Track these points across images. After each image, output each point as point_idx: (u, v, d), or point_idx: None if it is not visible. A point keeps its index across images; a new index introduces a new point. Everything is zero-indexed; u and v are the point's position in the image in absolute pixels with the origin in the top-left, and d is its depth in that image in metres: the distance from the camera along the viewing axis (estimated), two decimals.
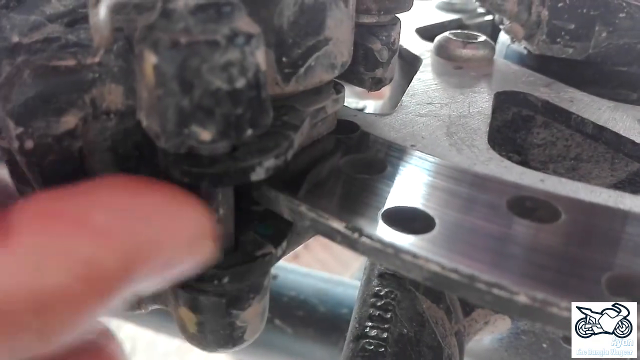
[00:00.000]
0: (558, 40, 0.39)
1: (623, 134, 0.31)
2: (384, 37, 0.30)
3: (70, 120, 0.20)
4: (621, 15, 0.38)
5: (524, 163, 0.36)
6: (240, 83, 0.18)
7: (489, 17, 0.56)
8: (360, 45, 0.30)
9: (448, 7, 0.56)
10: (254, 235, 0.24)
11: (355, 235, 0.21)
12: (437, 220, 0.21)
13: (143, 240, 0.18)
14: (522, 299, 0.18)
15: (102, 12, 0.17)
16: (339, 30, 0.25)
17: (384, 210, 0.22)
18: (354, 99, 0.64)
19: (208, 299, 0.23)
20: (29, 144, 0.20)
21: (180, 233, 0.19)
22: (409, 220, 0.22)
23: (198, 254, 0.20)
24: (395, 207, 0.22)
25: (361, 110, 0.61)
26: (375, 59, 0.30)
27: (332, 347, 0.61)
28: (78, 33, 0.20)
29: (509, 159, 0.30)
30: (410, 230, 0.21)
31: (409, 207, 0.22)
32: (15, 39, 0.20)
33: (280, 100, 0.25)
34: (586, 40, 0.38)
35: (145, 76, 0.18)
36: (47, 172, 0.21)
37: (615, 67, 0.39)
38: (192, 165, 0.20)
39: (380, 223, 0.21)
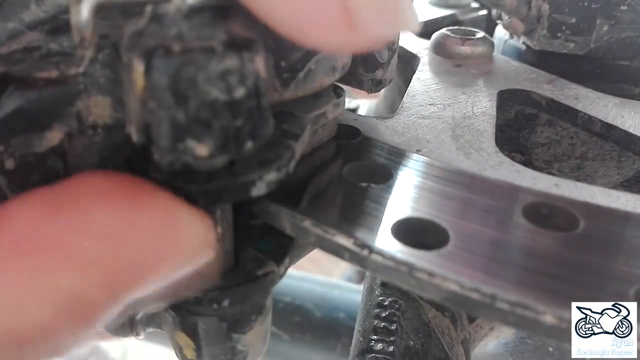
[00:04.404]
0: (559, 35, 0.38)
1: (632, 132, 0.30)
2: None
3: (54, 136, 0.19)
4: (623, 7, 0.37)
5: (528, 162, 0.35)
6: (240, 92, 0.17)
7: (484, 12, 0.55)
8: None
9: (442, 3, 0.55)
10: (254, 252, 0.23)
11: (365, 252, 0.19)
12: (450, 233, 0.20)
13: (134, 264, 0.16)
14: (548, 319, 0.17)
15: (84, 11, 0.15)
16: None
17: (394, 223, 0.20)
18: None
19: (207, 323, 0.21)
20: (10, 164, 0.18)
21: (178, 250, 0.18)
22: (420, 233, 0.20)
23: (196, 264, 0.19)
24: (405, 218, 0.21)
25: (354, 110, 0.60)
26: (375, 60, 0.29)
27: (330, 352, 0.59)
28: (60, 41, 0.18)
29: (512, 158, 0.29)
30: (422, 244, 0.19)
31: (420, 218, 0.21)
32: None
33: (278, 107, 0.23)
34: (587, 34, 0.37)
35: (135, 87, 0.16)
36: None
37: (617, 61, 0.38)
38: (188, 182, 0.18)
39: (391, 238, 0.20)
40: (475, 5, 0.55)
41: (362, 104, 0.61)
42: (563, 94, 0.34)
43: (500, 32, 0.45)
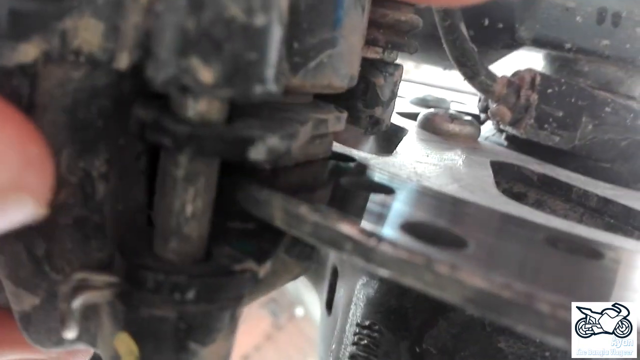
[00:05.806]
0: (546, 126, 0.38)
1: (631, 206, 0.29)
2: (387, 74, 0.28)
3: (28, 51, 0.16)
4: (607, 109, 0.37)
5: None
6: (260, 20, 0.15)
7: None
8: (362, 78, 0.27)
9: (421, 103, 0.56)
10: (230, 250, 0.19)
11: (372, 242, 0.16)
12: (469, 241, 0.17)
13: None
14: None
15: None
16: (353, 35, 0.23)
17: (403, 222, 0.18)
18: None
19: (162, 321, 0.17)
20: None
21: None
22: (433, 237, 0.17)
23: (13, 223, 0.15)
24: (416, 221, 0.18)
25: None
26: (376, 95, 0.28)
27: None
28: None
29: None
30: (437, 244, 0.17)
31: (432, 224, 0.18)
32: None
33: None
34: (573, 130, 0.38)
35: None
36: None
37: (599, 162, 0.38)
38: (176, 122, 0.15)
39: (401, 234, 0.17)
40: (453, 106, 0.56)
41: None
42: (554, 172, 0.33)
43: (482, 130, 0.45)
